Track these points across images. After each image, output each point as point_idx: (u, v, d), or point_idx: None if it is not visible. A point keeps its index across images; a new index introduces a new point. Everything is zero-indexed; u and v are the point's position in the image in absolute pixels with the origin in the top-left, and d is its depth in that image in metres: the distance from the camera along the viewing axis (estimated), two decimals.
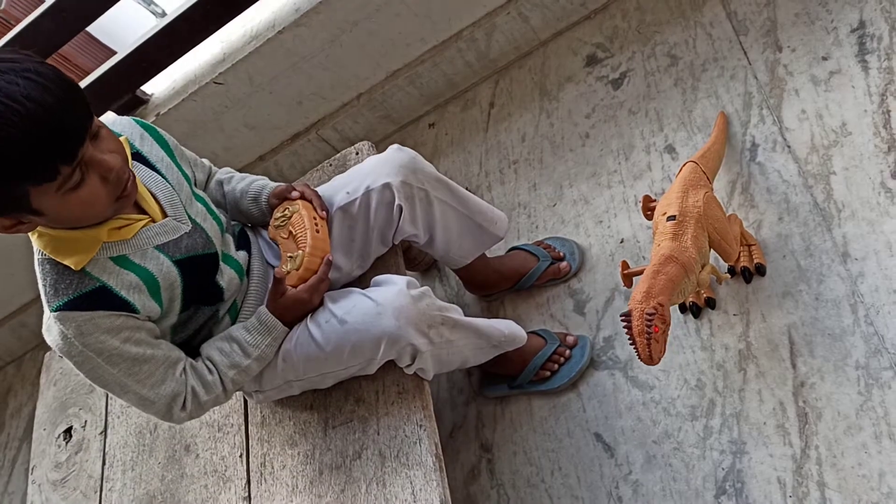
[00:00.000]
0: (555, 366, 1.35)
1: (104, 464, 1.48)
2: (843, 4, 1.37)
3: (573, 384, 1.35)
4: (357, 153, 1.43)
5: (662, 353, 0.98)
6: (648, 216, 1.23)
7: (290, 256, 1.12)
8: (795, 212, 1.27)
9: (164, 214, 1.04)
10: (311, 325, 1.11)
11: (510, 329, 1.30)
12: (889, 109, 1.25)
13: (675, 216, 1.10)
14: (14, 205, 0.86)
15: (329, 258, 1.13)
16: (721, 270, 1.28)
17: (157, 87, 1.89)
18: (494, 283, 1.49)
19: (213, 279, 1.10)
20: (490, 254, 1.48)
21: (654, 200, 1.23)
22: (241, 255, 1.19)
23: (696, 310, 1.28)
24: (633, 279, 1.19)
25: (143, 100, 1.88)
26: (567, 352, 1.36)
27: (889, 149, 1.23)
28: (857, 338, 1.14)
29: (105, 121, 0.95)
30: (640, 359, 0.98)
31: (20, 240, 1.92)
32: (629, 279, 1.18)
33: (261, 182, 1.25)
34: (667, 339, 0.99)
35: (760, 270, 1.25)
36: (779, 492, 1.11)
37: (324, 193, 1.24)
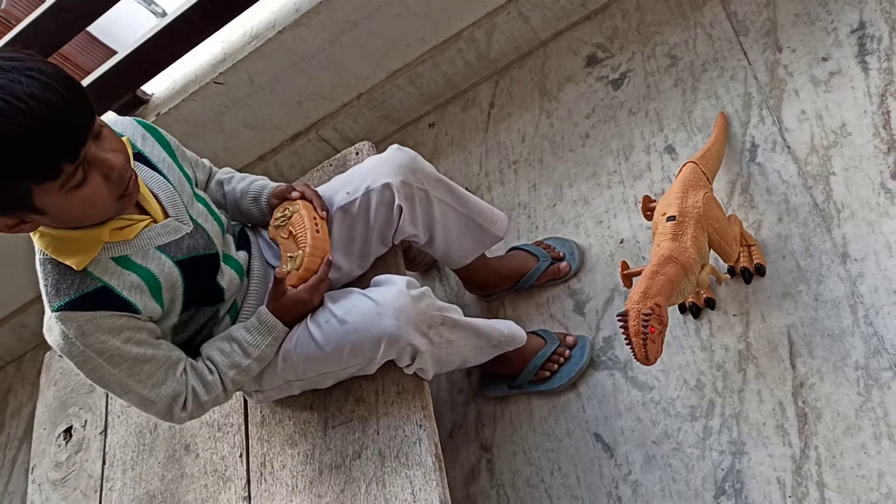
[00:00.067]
0: (554, 366, 1.35)
1: (104, 463, 1.48)
2: (843, 5, 1.37)
3: (573, 384, 1.36)
4: (357, 153, 1.43)
5: (659, 354, 0.98)
6: (648, 216, 1.23)
7: (291, 256, 1.12)
8: (795, 212, 1.27)
9: (166, 215, 1.04)
10: (312, 325, 1.11)
11: (510, 329, 1.30)
12: (889, 110, 1.25)
13: (675, 216, 1.10)
14: (17, 203, 0.86)
15: (329, 258, 1.13)
16: (721, 271, 1.28)
17: (158, 87, 1.89)
18: (494, 284, 1.49)
19: (214, 279, 1.10)
20: (490, 254, 1.48)
21: (654, 201, 1.23)
22: (242, 256, 1.19)
23: (696, 310, 1.28)
24: (633, 279, 1.19)
25: (144, 100, 1.88)
26: (567, 352, 1.36)
27: (889, 149, 1.23)
28: (857, 338, 1.14)
29: (106, 121, 0.95)
30: (637, 359, 0.98)
31: (21, 239, 1.92)
32: (629, 279, 1.18)
33: (261, 182, 1.26)
34: (664, 340, 0.99)
35: (760, 271, 1.25)
36: (778, 492, 1.12)
37: (324, 193, 1.24)
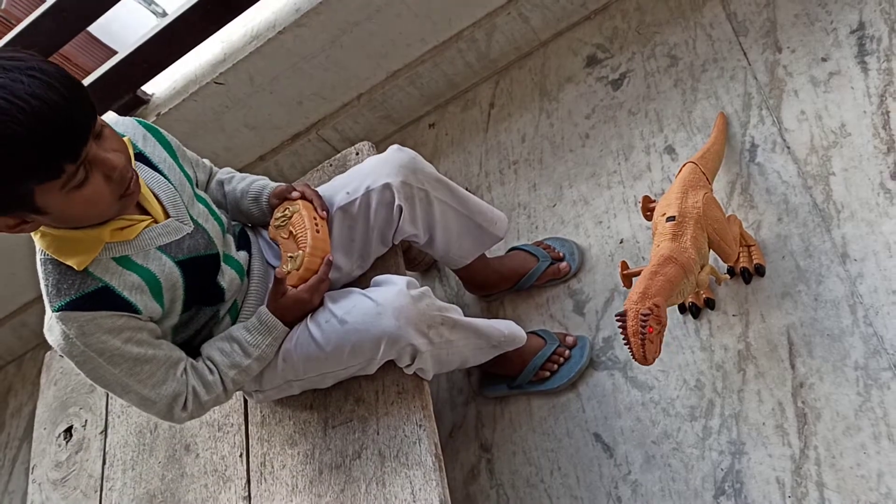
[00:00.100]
0: (554, 366, 1.36)
1: (104, 463, 1.48)
2: (843, 5, 1.37)
3: (572, 384, 1.36)
4: (357, 153, 1.43)
5: (657, 354, 0.99)
6: (648, 217, 1.23)
7: (291, 256, 1.12)
8: (795, 212, 1.27)
9: (167, 215, 1.05)
10: (312, 325, 1.11)
11: (510, 329, 1.30)
12: (888, 110, 1.25)
13: (675, 217, 1.10)
14: (18, 203, 0.86)
15: (329, 258, 1.14)
16: (720, 271, 1.28)
17: (158, 87, 1.89)
18: (494, 284, 1.49)
19: (215, 280, 1.11)
20: (490, 254, 1.48)
21: (654, 201, 1.23)
22: (242, 256, 1.19)
23: (696, 310, 1.29)
24: (633, 280, 1.19)
25: (144, 100, 1.88)
26: (566, 352, 1.36)
27: (888, 150, 1.23)
28: (856, 338, 1.14)
29: (107, 121, 0.95)
30: (635, 359, 0.98)
31: (22, 239, 1.92)
32: (629, 280, 1.18)
33: (261, 182, 1.26)
34: (662, 340, 0.99)
35: (760, 271, 1.25)
36: (778, 492, 1.12)
37: (324, 193, 1.24)
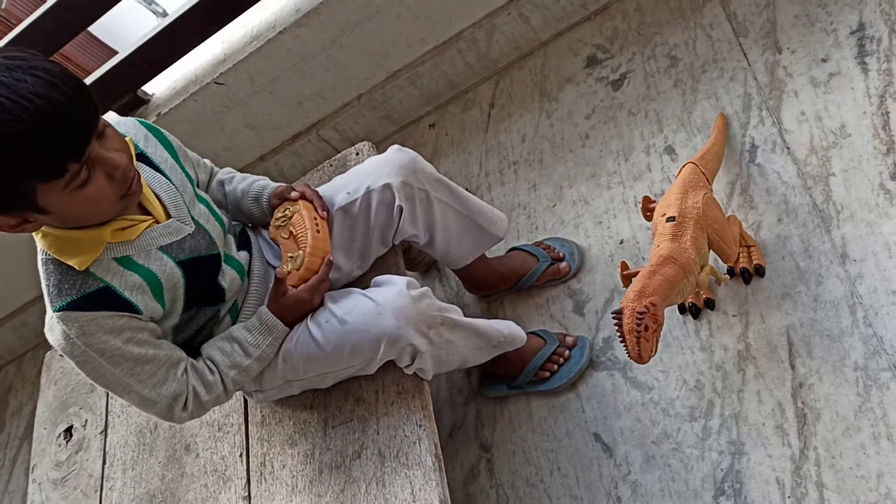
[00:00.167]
0: (554, 366, 1.36)
1: (104, 463, 1.48)
2: (843, 6, 1.37)
3: (572, 385, 1.36)
4: (357, 153, 1.43)
5: (653, 353, 0.98)
6: (648, 217, 1.23)
7: (291, 257, 1.13)
8: (794, 213, 1.27)
9: (168, 215, 1.05)
10: (312, 325, 1.11)
11: (510, 329, 1.30)
12: (888, 111, 1.25)
13: (675, 217, 1.10)
14: (20, 202, 0.86)
15: (330, 258, 1.14)
16: (720, 271, 1.28)
17: (158, 87, 1.89)
18: (494, 284, 1.49)
19: (216, 280, 1.11)
20: (490, 254, 1.48)
21: (654, 201, 1.23)
22: (243, 256, 1.19)
23: (696, 311, 1.29)
24: (633, 280, 1.19)
25: (144, 100, 1.88)
26: (566, 352, 1.36)
27: (888, 150, 1.23)
28: (856, 339, 1.14)
29: (109, 121, 0.95)
30: (630, 357, 0.98)
31: (22, 239, 1.92)
32: (628, 280, 1.18)
33: (262, 182, 1.26)
34: (658, 339, 0.99)
35: (759, 271, 1.25)
36: (777, 492, 1.12)
37: (324, 193, 1.24)
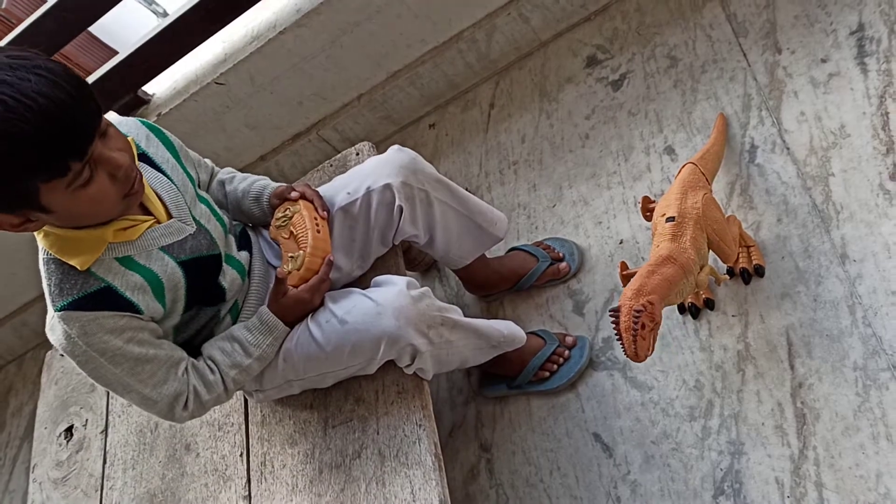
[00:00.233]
0: (554, 366, 1.36)
1: (105, 462, 1.49)
2: (843, 7, 1.38)
3: (572, 384, 1.36)
4: (358, 154, 1.43)
5: (649, 351, 0.99)
6: (647, 217, 1.23)
7: (292, 256, 1.13)
8: (794, 213, 1.28)
9: (169, 216, 1.05)
10: (312, 325, 1.11)
11: (509, 329, 1.30)
12: (888, 112, 1.26)
13: (674, 217, 1.10)
14: (23, 201, 0.86)
15: (330, 258, 1.14)
16: (720, 271, 1.28)
17: (159, 88, 1.89)
18: (494, 284, 1.49)
19: (216, 280, 1.11)
20: (490, 254, 1.48)
21: (654, 201, 1.23)
22: (243, 256, 1.19)
23: (695, 311, 1.29)
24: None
25: (145, 100, 1.89)
26: (566, 352, 1.36)
27: (887, 151, 1.23)
28: (855, 339, 1.15)
29: (110, 121, 0.95)
30: (626, 355, 0.98)
31: (22, 239, 1.93)
32: (628, 280, 1.18)
33: (262, 182, 1.26)
34: (655, 338, 0.99)
35: (759, 272, 1.25)
36: (777, 492, 1.12)
37: (325, 193, 1.24)
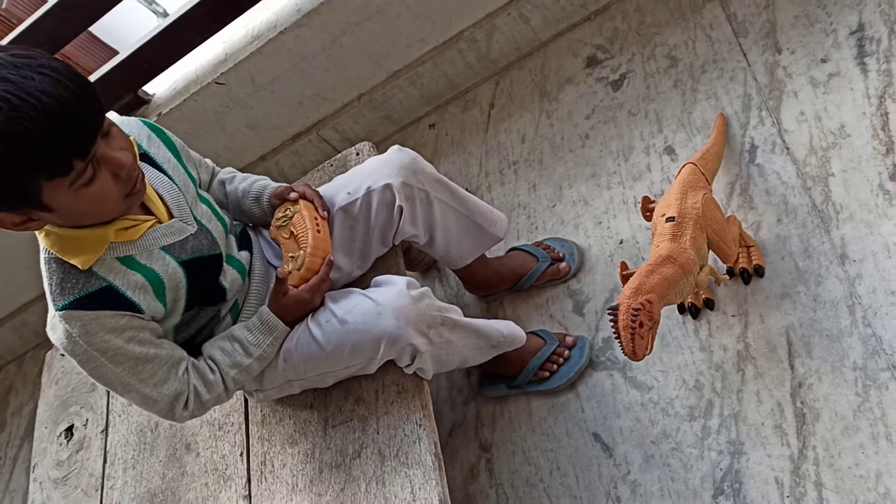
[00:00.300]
0: (553, 366, 1.36)
1: (105, 462, 1.49)
2: (842, 7, 1.38)
3: (572, 384, 1.36)
4: (358, 153, 1.43)
5: (647, 350, 0.99)
6: (647, 217, 1.23)
7: (292, 256, 1.13)
8: (794, 213, 1.28)
9: (171, 216, 1.05)
10: (312, 325, 1.11)
11: (509, 329, 1.30)
12: (887, 112, 1.26)
13: (674, 217, 1.10)
14: (25, 200, 0.86)
15: (330, 258, 1.14)
16: (720, 271, 1.28)
17: (159, 87, 1.89)
18: (494, 284, 1.49)
19: (217, 280, 1.11)
20: (490, 254, 1.48)
21: (654, 201, 1.23)
22: (244, 256, 1.19)
23: (695, 311, 1.29)
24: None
25: (145, 100, 1.89)
26: (566, 352, 1.36)
27: (887, 151, 1.23)
28: (855, 339, 1.15)
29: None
30: (624, 353, 0.98)
31: (23, 239, 1.92)
32: (628, 280, 1.19)
33: (262, 182, 1.26)
34: (654, 337, 1.00)
35: (759, 272, 1.25)
36: (776, 492, 1.12)
37: (325, 193, 1.24)
